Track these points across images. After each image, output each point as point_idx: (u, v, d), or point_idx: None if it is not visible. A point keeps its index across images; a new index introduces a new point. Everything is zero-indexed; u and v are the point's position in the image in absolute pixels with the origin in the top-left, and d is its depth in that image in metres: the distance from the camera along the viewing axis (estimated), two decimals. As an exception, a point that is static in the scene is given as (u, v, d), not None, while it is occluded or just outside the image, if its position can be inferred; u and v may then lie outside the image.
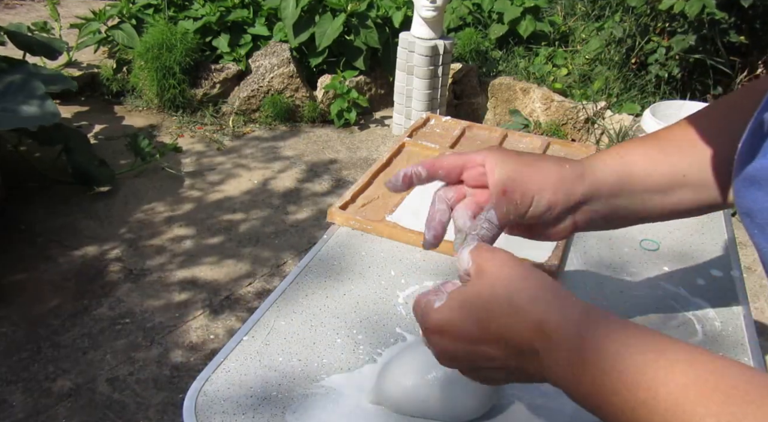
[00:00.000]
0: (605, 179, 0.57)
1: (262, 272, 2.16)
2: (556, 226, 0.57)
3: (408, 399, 0.60)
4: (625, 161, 0.58)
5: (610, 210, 0.57)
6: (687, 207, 0.59)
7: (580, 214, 0.57)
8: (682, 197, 0.58)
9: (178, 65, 3.02)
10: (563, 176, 0.56)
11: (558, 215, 0.56)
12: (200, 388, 0.63)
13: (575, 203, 0.56)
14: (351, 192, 0.97)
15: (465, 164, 0.57)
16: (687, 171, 0.57)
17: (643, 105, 3.06)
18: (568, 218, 0.57)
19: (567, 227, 0.57)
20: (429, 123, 1.24)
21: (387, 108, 3.38)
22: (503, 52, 3.56)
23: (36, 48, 2.90)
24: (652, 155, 0.58)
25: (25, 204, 2.45)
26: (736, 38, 2.92)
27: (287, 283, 0.79)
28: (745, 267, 2.25)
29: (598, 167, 0.57)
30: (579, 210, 0.57)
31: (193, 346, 1.84)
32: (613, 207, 0.57)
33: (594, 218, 0.57)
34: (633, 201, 0.58)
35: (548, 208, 0.55)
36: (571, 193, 0.55)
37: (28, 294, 2.01)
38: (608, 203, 0.57)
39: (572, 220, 0.57)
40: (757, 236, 0.44)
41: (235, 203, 2.55)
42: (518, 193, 0.54)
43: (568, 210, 0.56)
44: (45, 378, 1.71)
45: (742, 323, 0.77)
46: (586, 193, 0.56)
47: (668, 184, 0.57)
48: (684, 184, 0.57)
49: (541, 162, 0.56)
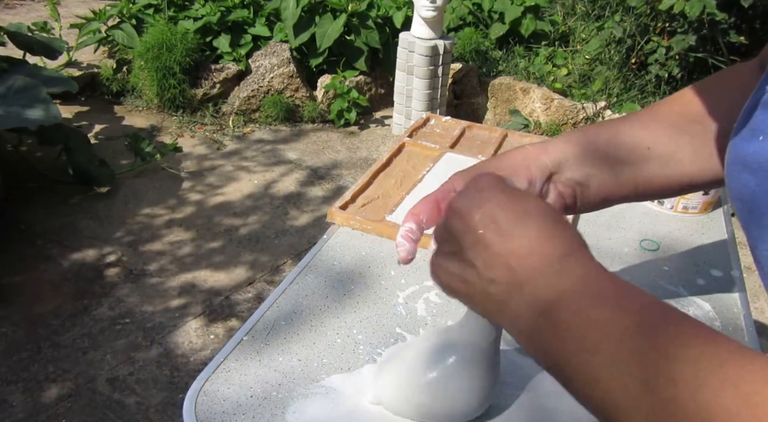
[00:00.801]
0: (569, 148, 0.57)
1: (262, 272, 2.16)
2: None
3: (406, 402, 0.60)
4: (590, 133, 0.59)
5: (584, 178, 0.57)
6: (660, 183, 0.59)
7: (561, 185, 0.57)
8: (651, 172, 0.58)
9: (178, 65, 3.02)
10: (525, 152, 0.56)
11: (540, 188, 0.56)
12: (200, 388, 0.63)
13: (548, 173, 0.56)
14: (351, 192, 0.97)
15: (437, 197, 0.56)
16: (650, 144, 0.58)
17: (643, 105, 3.06)
18: (551, 192, 0.56)
19: (554, 201, 0.57)
20: (429, 123, 1.24)
21: (387, 108, 3.38)
22: (503, 52, 3.56)
23: (36, 48, 2.90)
24: (615, 127, 0.59)
25: (25, 204, 2.45)
26: (736, 38, 2.92)
27: (287, 283, 0.79)
28: (745, 267, 2.25)
29: (560, 141, 0.58)
30: (557, 181, 0.56)
31: (193, 346, 1.84)
32: (587, 175, 0.57)
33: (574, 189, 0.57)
34: (602, 172, 0.57)
35: (529, 183, 0.55)
36: (541, 163, 0.56)
37: (28, 294, 2.01)
38: (580, 171, 0.57)
39: (556, 193, 0.56)
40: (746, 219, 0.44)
41: (235, 204, 2.55)
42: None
43: (547, 181, 0.56)
44: (45, 378, 1.71)
45: (742, 323, 0.77)
46: (553, 161, 0.56)
47: (633, 156, 0.58)
48: (648, 158, 0.58)
49: (501, 154, 0.58)
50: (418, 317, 0.75)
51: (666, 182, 0.59)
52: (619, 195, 0.60)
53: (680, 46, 2.92)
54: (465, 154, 1.11)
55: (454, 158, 1.09)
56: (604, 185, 0.58)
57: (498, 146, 1.15)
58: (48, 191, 2.53)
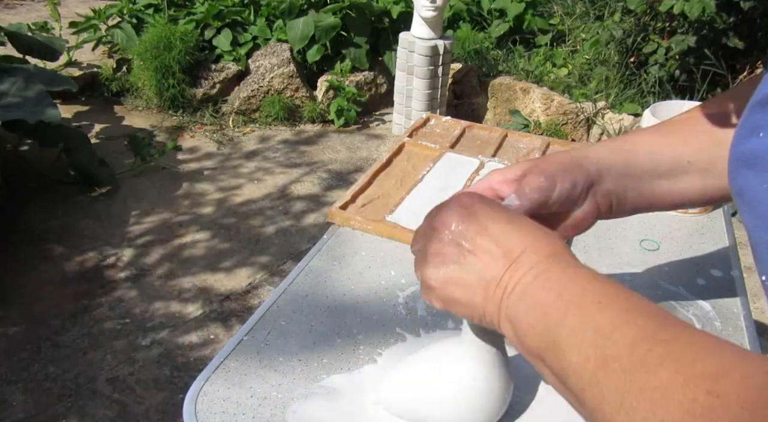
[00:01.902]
0: (610, 158, 0.58)
1: (262, 272, 2.16)
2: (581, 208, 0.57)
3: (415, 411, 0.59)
4: (628, 144, 0.60)
5: (621, 191, 0.58)
6: (698, 195, 0.60)
7: (600, 196, 0.57)
8: (690, 183, 0.59)
9: (177, 65, 3.02)
10: (572, 156, 0.57)
11: (580, 193, 0.56)
12: (200, 388, 0.63)
13: (591, 181, 0.56)
14: (351, 192, 0.97)
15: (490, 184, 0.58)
16: (692, 157, 0.58)
17: (643, 105, 3.06)
18: (589, 199, 0.57)
19: (593, 210, 0.57)
20: (429, 123, 1.24)
21: (387, 108, 3.38)
22: (503, 51, 3.56)
23: (36, 48, 2.90)
24: (655, 139, 0.60)
25: (25, 204, 2.45)
26: (734, 42, 2.93)
27: (287, 283, 0.79)
28: (745, 267, 2.24)
29: (602, 149, 0.59)
30: (596, 190, 0.57)
31: (193, 346, 1.84)
32: (624, 188, 0.58)
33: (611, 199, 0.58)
34: (641, 185, 0.59)
35: (573, 185, 0.55)
36: (585, 170, 0.56)
37: (28, 294, 2.01)
38: (619, 183, 0.58)
39: (593, 201, 0.57)
40: (746, 213, 0.45)
41: (235, 203, 2.55)
42: (542, 176, 0.55)
43: (588, 188, 0.56)
44: (45, 378, 1.71)
45: (742, 323, 0.77)
46: (595, 170, 0.57)
47: (673, 169, 0.58)
48: (689, 170, 0.58)
49: (549, 155, 0.59)
50: (418, 317, 0.75)
51: (705, 194, 0.60)
52: (654, 206, 0.61)
53: (680, 46, 2.92)
54: (465, 154, 1.11)
55: (454, 158, 1.09)
56: (641, 197, 0.59)
57: (498, 146, 1.15)
58: (48, 191, 2.53)
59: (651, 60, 3.09)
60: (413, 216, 0.92)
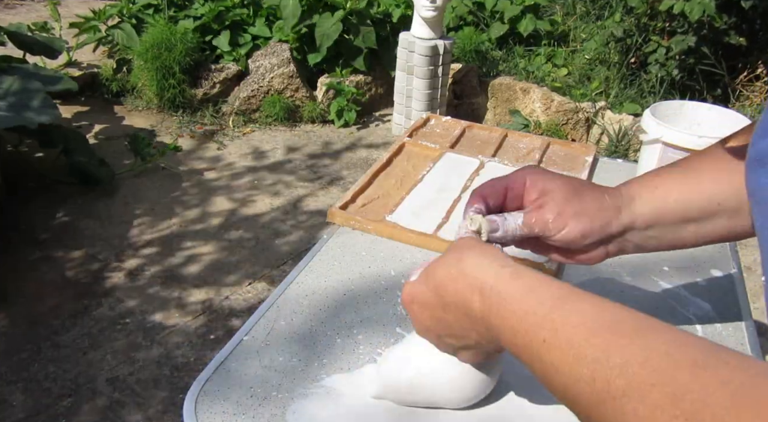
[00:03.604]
0: (641, 211, 0.57)
1: (262, 272, 2.16)
2: (587, 254, 0.57)
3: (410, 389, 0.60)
4: (660, 192, 0.58)
5: (643, 241, 0.58)
6: (720, 234, 0.59)
7: (614, 245, 0.57)
8: (717, 225, 0.58)
9: (177, 65, 3.02)
10: (603, 207, 0.56)
11: (591, 243, 0.56)
12: (200, 388, 0.63)
13: (610, 235, 0.56)
14: (351, 192, 0.97)
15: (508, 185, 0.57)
16: (721, 199, 0.57)
17: (643, 105, 3.06)
18: (600, 248, 0.57)
19: (598, 255, 0.57)
20: (429, 123, 1.24)
21: (387, 108, 3.38)
22: (503, 52, 3.56)
23: (36, 48, 2.90)
24: (687, 185, 0.58)
25: (25, 204, 2.45)
26: (736, 40, 2.92)
27: (287, 283, 0.79)
28: (745, 267, 2.25)
29: (635, 201, 0.57)
30: (613, 242, 0.57)
31: (193, 346, 1.84)
32: (647, 238, 0.58)
33: (626, 248, 0.58)
34: (667, 231, 0.58)
35: (582, 236, 0.55)
36: (608, 225, 0.56)
37: (28, 294, 2.01)
38: (642, 234, 0.57)
39: (604, 250, 0.57)
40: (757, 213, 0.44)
41: (235, 203, 2.55)
42: (554, 213, 0.54)
43: (602, 241, 0.56)
44: (45, 378, 1.71)
45: (742, 323, 0.77)
46: (620, 226, 0.56)
47: (703, 213, 0.57)
48: (718, 212, 0.57)
49: (584, 189, 0.57)
50: (418, 317, 0.75)
51: (728, 233, 0.58)
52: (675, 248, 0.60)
53: (680, 46, 2.92)
54: (465, 154, 1.11)
55: (454, 158, 1.09)
56: (663, 242, 0.59)
57: (498, 146, 1.15)
58: (48, 191, 2.53)
59: (651, 60, 3.09)
60: (413, 216, 0.92)
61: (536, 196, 0.56)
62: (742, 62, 3.13)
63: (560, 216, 0.54)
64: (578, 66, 3.40)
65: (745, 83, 3.15)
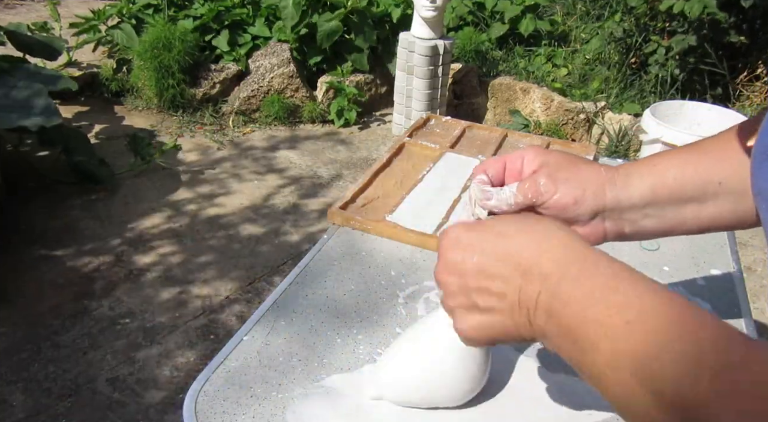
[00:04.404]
0: (638, 186, 0.55)
1: (262, 272, 2.16)
2: (585, 227, 0.56)
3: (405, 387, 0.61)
4: (657, 168, 0.56)
5: (642, 219, 0.56)
6: (726, 219, 0.56)
7: (611, 222, 0.56)
8: (720, 207, 0.55)
9: (177, 65, 3.02)
10: (596, 175, 0.55)
11: (585, 214, 0.55)
12: (200, 388, 0.63)
13: (604, 206, 0.55)
14: (351, 192, 0.97)
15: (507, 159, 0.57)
16: (723, 177, 0.55)
17: (643, 105, 3.06)
18: (597, 222, 0.56)
19: (597, 232, 0.56)
20: (429, 123, 1.24)
21: (387, 108, 3.38)
22: (503, 52, 3.56)
23: (36, 48, 2.90)
24: (686, 160, 0.56)
25: (25, 204, 2.45)
26: (736, 38, 2.92)
27: (287, 283, 0.79)
28: (745, 267, 2.25)
29: (631, 176, 0.56)
30: (609, 217, 0.56)
31: (193, 346, 1.84)
32: (646, 216, 0.56)
33: (624, 228, 0.56)
34: (666, 211, 0.56)
35: (574, 201, 0.54)
36: (601, 194, 0.55)
37: (28, 294, 2.01)
38: (641, 212, 0.56)
39: (602, 226, 0.56)
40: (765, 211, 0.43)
41: (235, 203, 2.55)
42: (545, 176, 0.54)
43: (597, 212, 0.55)
44: (45, 378, 1.71)
45: (742, 323, 0.77)
46: (615, 199, 0.55)
47: (702, 191, 0.55)
48: (720, 192, 0.55)
49: (580, 160, 0.56)
50: (418, 317, 0.75)
51: (735, 218, 0.56)
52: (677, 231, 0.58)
53: (680, 46, 2.92)
54: (465, 154, 1.11)
55: (454, 158, 1.09)
56: (662, 224, 0.57)
57: (498, 146, 1.15)
58: (48, 191, 2.53)
59: (651, 60, 3.09)
60: (413, 216, 0.92)
61: (534, 169, 0.55)
62: (742, 62, 3.13)
63: (552, 181, 0.54)
64: (578, 66, 3.40)
65: (745, 83, 3.16)
